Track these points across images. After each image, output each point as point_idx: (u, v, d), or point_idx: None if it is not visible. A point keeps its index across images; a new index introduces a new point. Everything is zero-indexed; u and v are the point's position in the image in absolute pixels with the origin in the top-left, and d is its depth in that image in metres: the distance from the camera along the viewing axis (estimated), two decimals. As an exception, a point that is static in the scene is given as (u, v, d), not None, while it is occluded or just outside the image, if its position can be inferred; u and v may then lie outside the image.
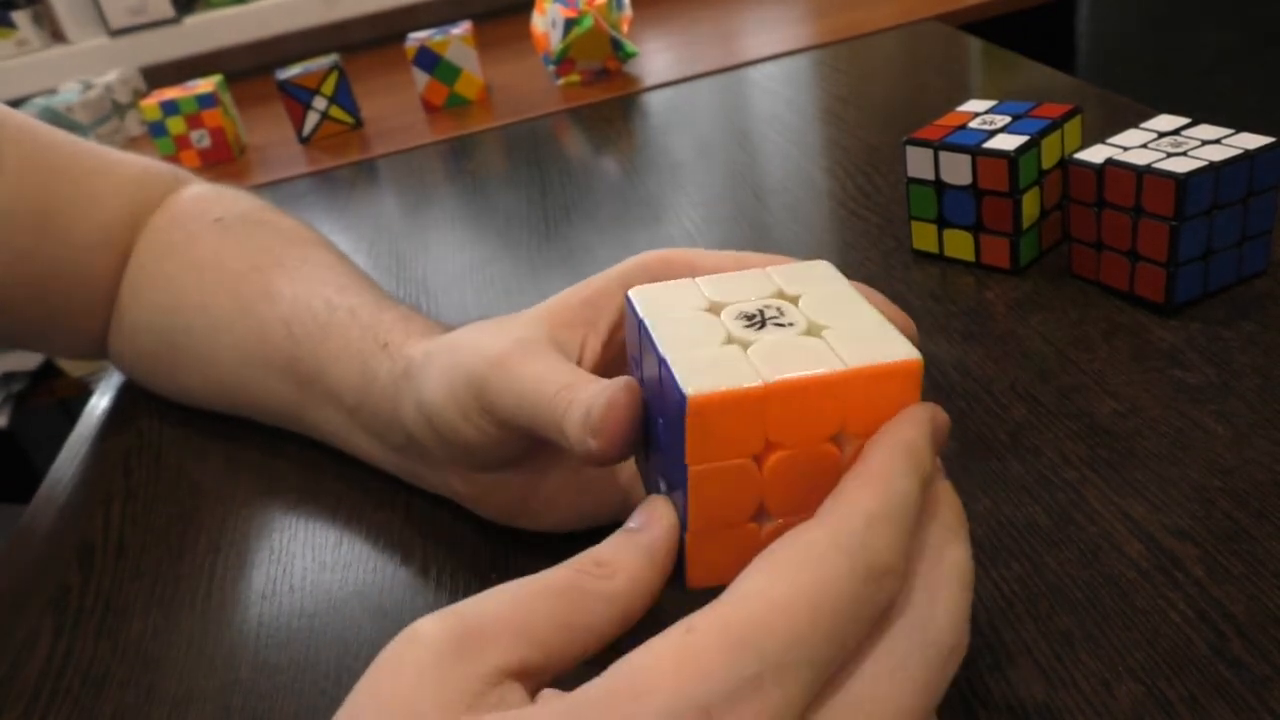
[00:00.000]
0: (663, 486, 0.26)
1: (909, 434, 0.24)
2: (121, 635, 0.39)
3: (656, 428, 0.25)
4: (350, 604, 0.38)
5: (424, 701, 0.21)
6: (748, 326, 0.25)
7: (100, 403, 0.56)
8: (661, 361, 0.24)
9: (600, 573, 0.23)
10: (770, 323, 0.25)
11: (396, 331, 0.39)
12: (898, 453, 0.23)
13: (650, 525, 0.24)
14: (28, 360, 1.28)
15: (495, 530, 0.39)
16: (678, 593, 0.25)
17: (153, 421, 0.53)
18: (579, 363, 0.32)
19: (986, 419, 0.39)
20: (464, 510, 0.40)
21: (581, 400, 0.27)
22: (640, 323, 0.26)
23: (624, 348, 0.34)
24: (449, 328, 0.39)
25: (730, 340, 0.24)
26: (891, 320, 0.26)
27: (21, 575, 0.44)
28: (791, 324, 0.25)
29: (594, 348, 0.33)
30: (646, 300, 0.26)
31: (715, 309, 0.26)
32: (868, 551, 0.21)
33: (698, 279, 0.27)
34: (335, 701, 0.33)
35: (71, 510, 0.48)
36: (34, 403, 1.32)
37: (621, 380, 0.27)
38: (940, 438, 0.25)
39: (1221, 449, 0.35)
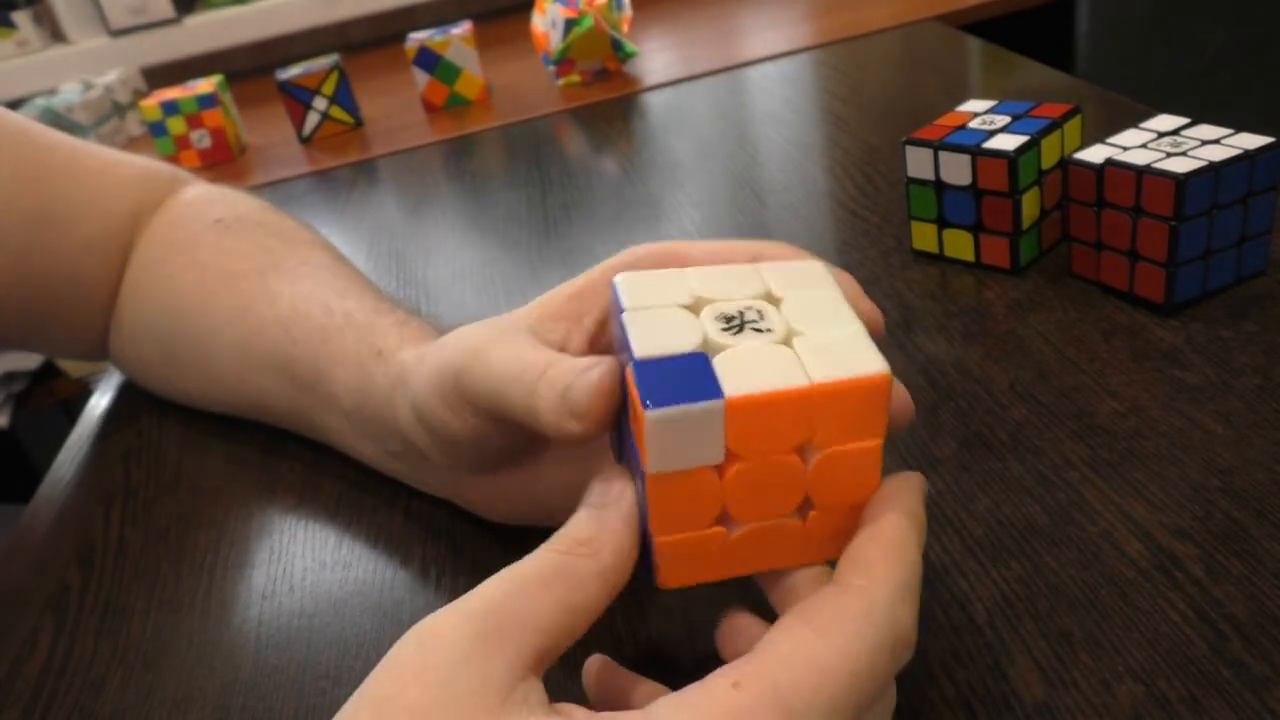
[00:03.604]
0: (635, 476, 0.25)
1: (914, 505, 0.25)
2: (121, 635, 0.39)
3: (625, 419, 0.25)
4: (350, 604, 0.38)
5: (459, 703, 0.21)
6: (725, 329, 0.25)
7: (100, 402, 0.56)
8: (634, 362, 0.24)
9: (585, 551, 0.24)
10: (748, 326, 0.25)
11: (391, 337, 0.39)
12: (909, 523, 0.24)
13: (615, 501, 0.25)
14: (28, 360, 1.28)
15: (495, 529, 0.39)
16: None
17: (153, 421, 0.53)
18: (563, 349, 0.32)
19: (986, 419, 0.39)
20: (464, 509, 0.40)
21: (555, 378, 0.27)
22: (620, 313, 0.25)
23: (607, 350, 0.34)
24: (446, 331, 0.39)
25: (705, 344, 0.24)
26: (861, 312, 0.27)
27: (21, 575, 0.44)
28: (769, 330, 0.25)
29: (578, 341, 0.32)
30: (631, 289, 0.26)
31: (697, 305, 0.26)
32: (896, 624, 0.23)
33: (688, 270, 0.27)
34: (335, 701, 0.33)
35: (71, 510, 0.48)
36: (34, 403, 1.32)
37: (604, 362, 0.26)
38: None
39: (1221, 449, 0.35)
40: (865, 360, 0.24)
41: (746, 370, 0.23)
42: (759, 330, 0.25)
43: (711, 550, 0.25)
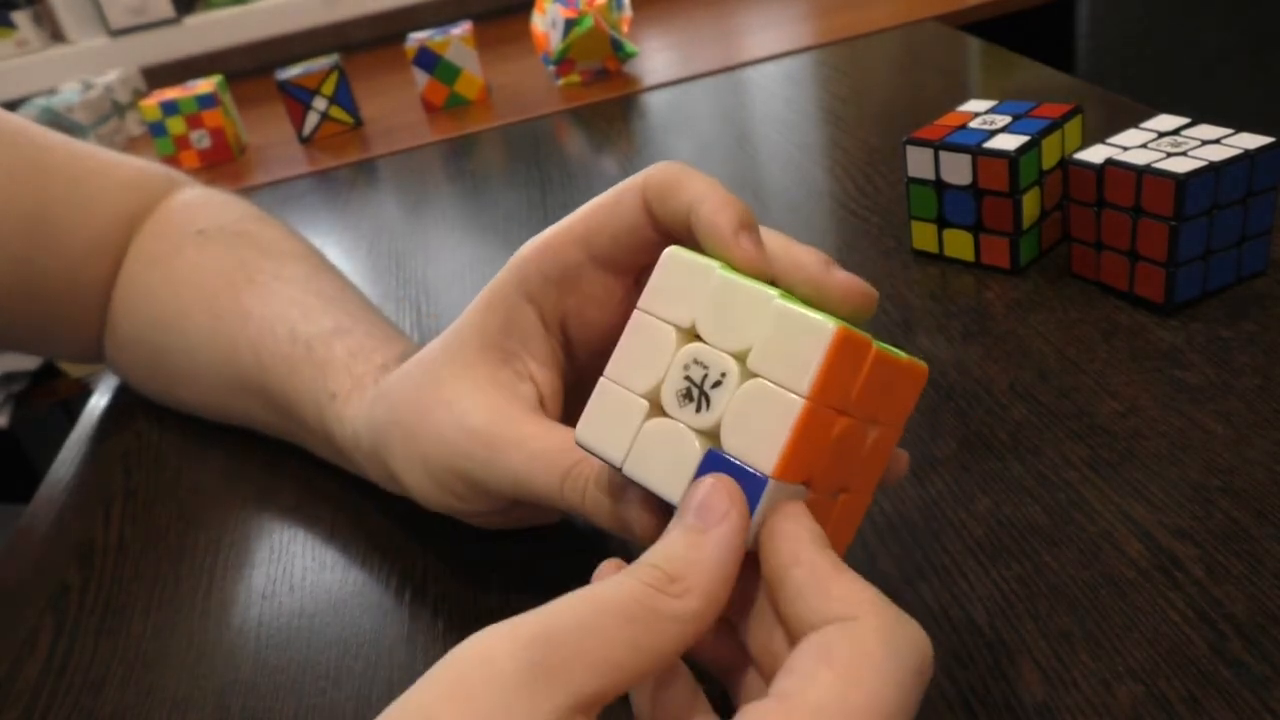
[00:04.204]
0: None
1: (809, 526, 0.24)
2: (121, 635, 0.39)
3: None
4: (350, 604, 0.38)
5: None
6: (697, 411, 0.25)
7: (100, 403, 0.56)
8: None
9: (674, 590, 0.22)
10: (707, 386, 0.25)
11: (343, 378, 0.39)
12: (826, 544, 0.24)
13: (718, 523, 0.23)
14: (28, 360, 1.28)
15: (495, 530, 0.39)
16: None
17: (152, 421, 0.53)
18: (538, 396, 0.32)
19: (986, 419, 0.39)
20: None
21: (603, 492, 0.28)
22: (623, 475, 0.26)
23: (567, 362, 0.34)
24: (398, 354, 0.39)
25: (702, 437, 0.25)
26: (732, 251, 0.26)
27: (21, 575, 0.44)
28: (723, 375, 0.24)
29: (543, 375, 0.33)
30: (598, 438, 0.26)
31: (655, 403, 0.25)
32: (914, 643, 0.21)
33: (607, 372, 0.27)
34: (335, 701, 0.34)
35: (71, 510, 0.48)
36: (34, 403, 1.32)
37: (643, 495, 0.27)
38: None
39: (1221, 449, 0.35)
40: (816, 331, 0.23)
41: (755, 432, 0.23)
42: (718, 384, 0.24)
43: (842, 507, 0.26)
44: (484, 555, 0.38)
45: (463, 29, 1.01)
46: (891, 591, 0.33)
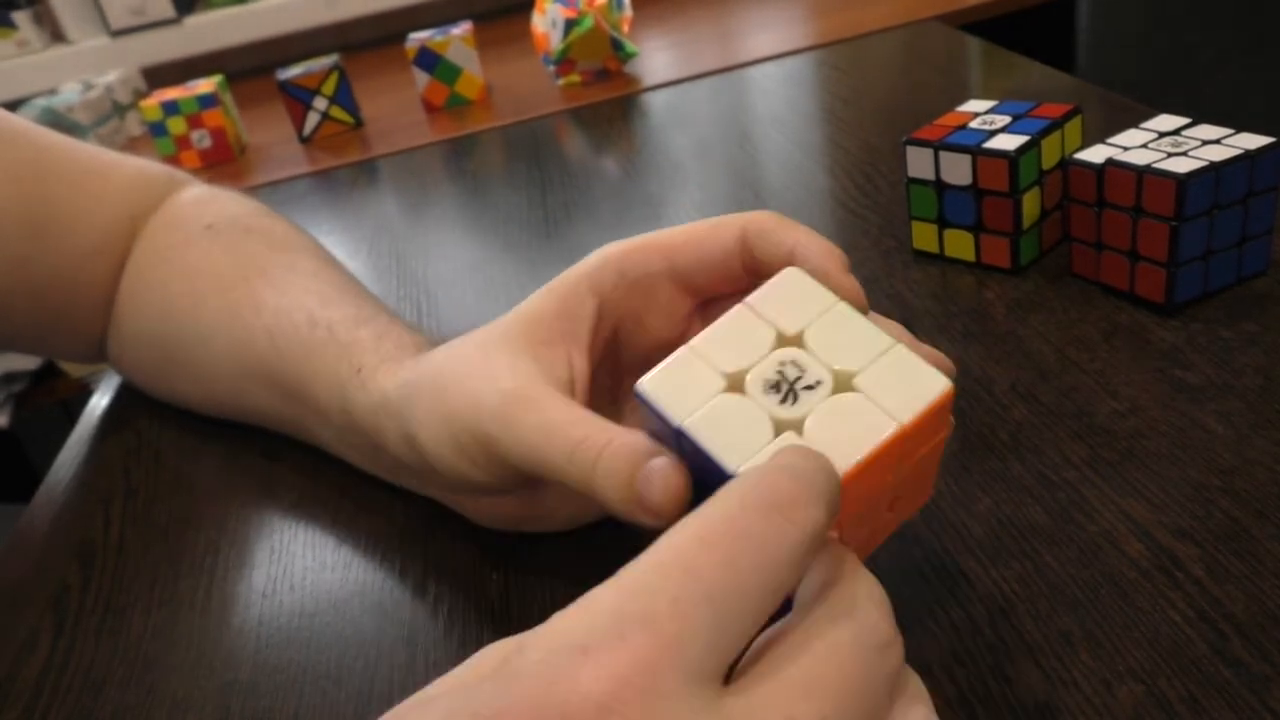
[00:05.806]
0: None
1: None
2: (121, 635, 0.39)
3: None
4: (350, 604, 0.38)
5: None
6: (781, 401, 0.25)
7: (100, 403, 0.56)
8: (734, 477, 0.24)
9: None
10: (798, 388, 0.25)
11: (369, 355, 0.39)
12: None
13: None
14: (28, 360, 1.28)
15: (495, 529, 0.39)
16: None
17: (152, 421, 0.53)
18: (571, 382, 0.32)
19: (986, 419, 0.39)
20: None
21: (619, 461, 0.27)
22: (678, 430, 0.26)
23: (603, 354, 0.34)
24: (427, 342, 0.39)
25: (779, 428, 0.25)
26: (845, 292, 0.27)
27: (21, 575, 0.44)
28: (818, 382, 0.25)
29: (581, 365, 0.33)
30: (663, 395, 0.26)
31: (735, 383, 0.26)
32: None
33: (693, 343, 0.27)
34: (335, 701, 0.34)
35: (71, 510, 0.48)
36: (34, 403, 1.32)
37: (668, 461, 0.26)
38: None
39: (1221, 449, 0.35)
40: (929, 380, 0.25)
41: (838, 436, 0.24)
42: (811, 388, 0.25)
43: None
44: (484, 555, 0.38)
45: (463, 29, 1.01)
46: (892, 592, 0.33)
